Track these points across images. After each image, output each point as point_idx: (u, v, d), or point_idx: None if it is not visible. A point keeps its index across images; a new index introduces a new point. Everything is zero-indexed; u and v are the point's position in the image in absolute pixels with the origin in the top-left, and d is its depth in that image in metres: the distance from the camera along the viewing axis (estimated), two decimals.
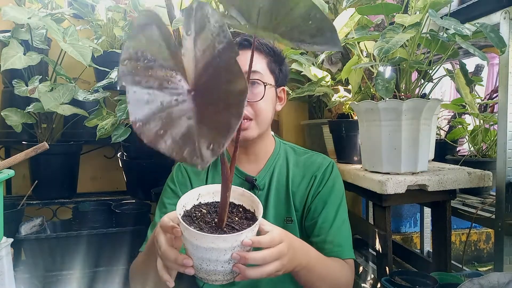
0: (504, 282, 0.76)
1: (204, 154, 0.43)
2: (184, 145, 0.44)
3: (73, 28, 1.57)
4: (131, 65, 0.47)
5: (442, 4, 1.16)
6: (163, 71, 0.49)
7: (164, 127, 0.44)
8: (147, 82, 0.47)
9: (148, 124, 0.45)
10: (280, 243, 0.69)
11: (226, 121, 0.44)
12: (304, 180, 1.04)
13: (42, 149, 1.01)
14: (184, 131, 0.45)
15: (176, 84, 0.49)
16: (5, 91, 1.86)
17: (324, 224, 0.98)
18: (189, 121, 0.46)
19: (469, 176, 1.27)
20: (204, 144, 0.44)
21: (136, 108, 0.45)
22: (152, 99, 0.46)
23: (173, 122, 0.45)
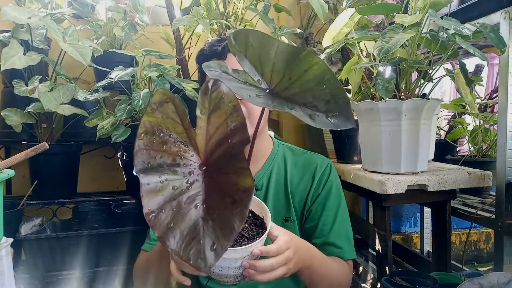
0: (503, 282, 0.76)
1: (207, 256, 0.46)
2: (190, 244, 0.47)
3: (73, 28, 1.57)
4: (147, 139, 0.51)
5: (442, 4, 1.16)
6: (177, 145, 0.52)
7: (173, 220, 0.47)
8: (161, 158, 0.50)
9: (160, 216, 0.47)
10: (286, 249, 0.73)
11: (230, 222, 0.47)
12: (302, 181, 1.04)
13: (42, 149, 1.01)
14: (191, 224, 0.47)
15: (188, 160, 0.52)
16: (5, 91, 1.86)
17: (324, 226, 0.99)
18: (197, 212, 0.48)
19: (469, 176, 1.27)
20: (208, 244, 0.46)
21: (149, 200, 0.48)
22: (165, 186, 0.49)
23: (183, 213, 0.48)
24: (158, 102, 0.53)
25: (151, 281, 0.92)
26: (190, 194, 0.49)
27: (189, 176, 0.50)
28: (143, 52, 1.65)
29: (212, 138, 0.53)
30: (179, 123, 0.53)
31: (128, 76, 1.60)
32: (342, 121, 0.52)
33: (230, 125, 0.52)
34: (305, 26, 2.14)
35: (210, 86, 0.54)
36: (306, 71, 0.54)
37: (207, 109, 0.54)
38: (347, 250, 0.98)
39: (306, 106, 0.54)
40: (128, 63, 1.81)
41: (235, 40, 0.56)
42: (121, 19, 1.86)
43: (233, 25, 1.74)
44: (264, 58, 0.55)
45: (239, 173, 0.49)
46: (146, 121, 0.51)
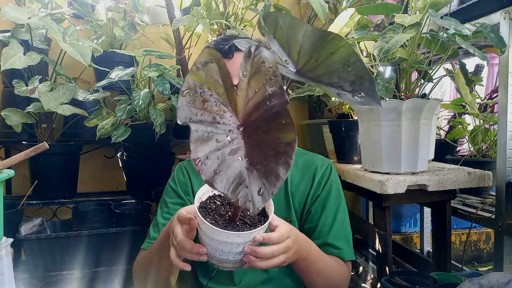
0: (503, 282, 0.76)
1: (255, 200, 0.49)
2: (238, 188, 0.50)
3: (73, 28, 1.57)
4: (189, 96, 0.53)
5: (442, 4, 1.16)
6: (217, 105, 0.54)
7: (219, 167, 0.50)
8: (202, 115, 0.52)
9: (206, 162, 0.50)
10: (287, 238, 0.75)
11: (275, 170, 0.50)
12: (303, 181, 1.04)
13: (42, 149, 1.01)
14: (236, 172, 0.50)
15: (227, 119, 0.54)
16: (5, 91, 1.86)
17: (323, 227, 0.99)
18: (241, 163, 0.51)
19: (469, 176, 1.27)
20: (255, 189, 0.49)
21: (196, 147, 0.50)
22: (210, 137, 0.51)
23: (227, 162, 0.50)
24: (203, 61, 0.54)
25: (151, 279, 0.92)
26: (233, 148, 0.52)
27: (229, 133, 0.53)
28: (143, 52, 1.65)
29: (250, 101, 0.55)
30: (221, 84, 0.55)
31: (128, 76, 1.60)
32: (368, 100, 0.54)
33: (269, 89, 0.54)
34: None
35: (253, 50, 0.55)
36: (332, 53, 0.56)
37: (248, 72, 0.55)
38: (346, 251, 0.98)
39: (332, 86, 0.56)
40: (128, 63, 1.81)
41: (264, 22, 0.58)
42: (121, 19, 1.86)
43: (233, 25, 1.74)
44: (292, 40, 0.57)
45: (281, 129, 0.51)
46: (189, 79, 0.53)
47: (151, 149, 1.76)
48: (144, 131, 1.71)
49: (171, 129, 1.83)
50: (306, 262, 0.85)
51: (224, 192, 0.49)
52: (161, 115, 1.63)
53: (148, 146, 1.74)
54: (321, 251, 0.92)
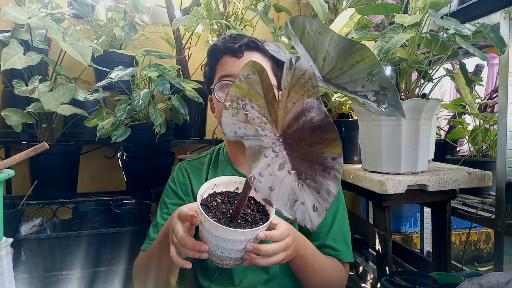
0: (503, 281, 0.76)
1: (311, 217, 0.50)
2: (294, 205, 0.50)
3: (73, 28, 1.57)
4: (232, 109, 0.54)
5: (442, 4, 1.16)
6: (259, 117, 0.55)
7: (273, 184, 0.50)
8: (245, 128, 0.53)
9: (261, 180, 0.50)
10: (287, 236, 0.76)
11: (325, 185, 0.51)
12: None
13: (42, 149, 1.01)
14: (289, 188, 0.51)
15: (268, 131, 0.55)
16: (5, 91, 1.86)
17: (322, 229, 0.99)
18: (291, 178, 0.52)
19: (469, 176, 1.27)
20: (310, 206, 0.51)
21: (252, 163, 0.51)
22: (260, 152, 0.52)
23: (279, 177, 0.51)
24: (246, 74, 0.55)
25: (151, 280, 0.92)
26: (280, 162, 0.52)
27: (273, 146, 0.53)
28: (143, 52, 1.65)
29: (289, 112, 0.56)
30: (262, 96, 0.56)
31: (128, 76, 1.60)
32: (393, 111, 0.56)
33: (306, 100, 0.55)
34: None
35: (294, 62, 0.56)
36: (357, 62, 0.57)
37: (289, 83, 0.56)
38: (344, 253, 0.99)
39: (356, 94, 0.57)
40: (128, 63, 1.81)
41: (291, 25, 0.59)
42: (121, 19, 1.86)
43: (233, 25, 1.74)
44: (318, 46, 0.58)
45: (327, 143, 0.53)
46: (232, 92, 0.54)
47: (151, 149, 1.76)
48: (144, 131, 1.71)
49: (171, 129, 1.83)
50: (302, 260, 0.86)
51: (282, 210, 0.49)
52: (161, 115, 1.63)
53: (148, 146, 1.74)
54: (318, 251, 0.93)
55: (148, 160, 1.78)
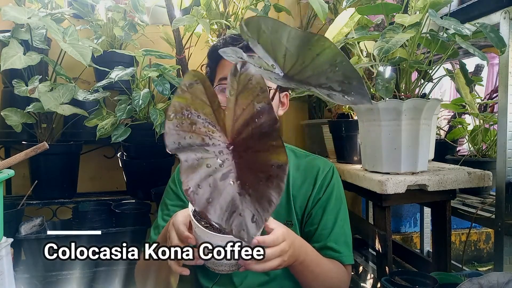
0: (503, 281, 0.76)
1: (249, 228, 0.48)
2: (231, 216, 0.49)
3: (73, 28, 1.57)
4: (177, 120, 0.52)
5: (442, 4, 1.16)
6: (205, 126, 0.53)
7: (212, 195, 0.49)
8: (191, 138, 0.52)
9: (198, 191, 0.49)
10: (282, 241, 0.74)
11: (267, 195, 0.49)
12: (304, 184, 1.03)
13: (42, 149, 1.01)
14: (229, 199, 0.49)
15: (216, 140, 0.53)
16: (5, 91, 1.86)
17: (323, 231, 0.98)
18: (233, 188, 0.50)
19: (469, 176, 1.27)
20: (248, 217, 0.49)
21: (187, 176, 0.49)
22: (201, 164, 0.50)
23: (219, 188, 0.50)
24: (188, 83, 0.54)
25: (152, 282, 0.91)
26: (224, 172, 0.51)
27: (219, 155, 0.52)
28: (143, 52, 1.65)
29: (239, 119, 0.54)
30: (208, 104, 0.54)
31: (128, 76, 1.60)
32: (359, 98, 0.54)
33: (256, 106, 0.53)
34: (305, 26, 2.14)
35: (239, 68, 0.55)
36: (318, 54, 0.55)
37: (235, 90, 0.55)
38: (345, 255, 0.98)
39: (321, 87, 0.56)
40: (128, 63, 1.81)
41: (247, 27, 0.57)
42: (121, 19, 1.86)
43: (233, 25, 1.74)
44: (276, 44, 0.56)
45: (272, 150, 0.51)
46: (175, 102, 0.53)
47: (151, 149, 1.76)
48: (144, 131, 1.71)
49: None
50: (302, 265, 0.85)
51: (219, 223, 0.48)
52: (161, 115, 1.63)
53: (148, 146, 1.74)
54: (319, 254, 0.92)
55: (148, 160, 1.78)
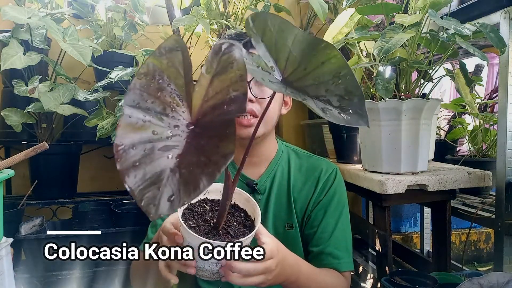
0: (503, 281, 0.76)
1: (161, 204, 0.43)
2: (149, 187, 0.44)
3: (73, 28, 1.57)
4: (146, 80, 0.48)
5: (442, 4, 1.16)
6: (172, 97, 0.50)
7: (141, 159, 0.45)
8: (152, 103, 0.48)
9: (129, 151, 0.45)
10: (269, 259, 0.70)
11: (197, 180, 0.44)
12: (305, 186, 1.01)
13: (42, 149, 1.01)
14: (157, 170, 0.45)
15: (178, 114, 0.49)
16: (5, 91, 1.86)
17: (323, 234, 0.96)
18: (168, 162, 0.46)
19: (469, 176, 1.27)
20: (167, 194, 0.44)
21: (125, 132, 0.45)
22: (146, 126, 0.47)
23: (152, 156, 0.46)
24: (168, 47, 0.50)
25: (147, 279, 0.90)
26: (168, 144, 0.47)
27: (173, 129, 0.49)
28: (143, 52, 1.65)
29: (209, 101, 0.50)
30: (182, 75, 0.51)
31: (128, 76, 1.60)
32: (355, 119, 0.50)
33: (231, 93, 0.49)
34: (305, 26, 2.14)
35: (223, 48, 0.51)
36: (323, 63, 0.52)
37: (213, 69, 0.51)
38: (345, 261, 0.95)
39: (318, 99, 0.52)
40: (128, 63, 1.81)
41: (253, 22, 0.54)
42: (121, 19, 1.86)
43: (233, 25, 1.74)
44: (280, 45, 0.53)
45: (224, 138, 0.47)
46: (150, 63, 0.49)
47: None
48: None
49: None
50: (295, 285, 0.82)
51: (132, 188, 0.44)
52: None
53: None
54: (315, 270, 0.88)
55: None
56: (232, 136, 0.46)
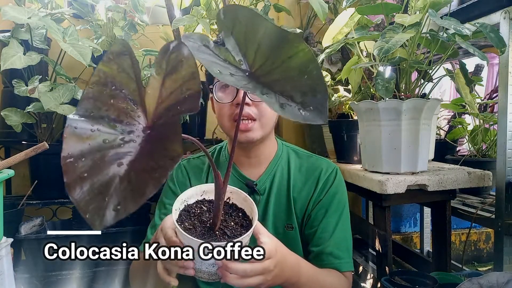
0: (503, 281, 0.76)
1: (106, 215, 0.42)
2: (95, 198, 0.43)
3: (73, 28, 1.57)
4: (97, 88, 0.47)
5: (442, 4, 1.16)
6: (125, 102, 0.48)
7: (90, 170, 0.44)
8: (106, 111, 0.47)
9: (77, 163, 0.44)
10: (267, 259, 0.69)
11: (143, 186, 0.42)
12: (305, 186, 1.00)
13: (42, 148, 1.01)
14: (106, 180, 0.44)
15: (133, 120, 0.48)
16: (5, 91, 1.86)
17: (323, 234, 0.95)
18: (118, 170, 0.44)
19: (469, 176, 1.27)
20: (112, 203, 0.43)
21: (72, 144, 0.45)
22: (95, 136, 0.45)
23: (102, 166, 0.44)
24: (116, 52, 0.49)
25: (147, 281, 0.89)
26: (119, 151, 0.46)
27: (126, 135, 0.47)
28: (143, 52, 1.65)
29: (163, 103, 0.49)
30: (133, 79, 0.50)
31: None
32: (314, 116, 0.48)
33: (185, 93, 0.48)
34: (305, 26, 2.14)
35: (171, 47, 0.50)
36: (290, 57, 0.50)
37: (163, 70, 0.50)
38: (346, 261, 0.94)
39: (282, 95, 0.50)
40: None
41: (224, 15, 0.52)
42: (121, 19, 1.86)
43: None
44: (249, 38, 0.51)
45: (172, 139, 0.45)
46: (101, 70, 0.48)
47: None
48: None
49: None
50: (296, 286, 0.81)
51: (77, 200, 0.43)
52: None
53: None
54: (316, 271, 0.87)
55: None
56: (178, 136, 0.45)
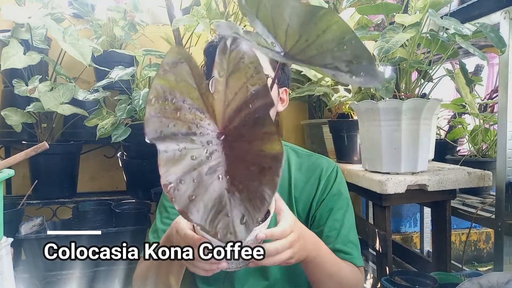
0: (503, 281, 0.76)
1: (237, 230, 0.42)
2: (217, 217, 0.42)
3: (73, 28, 1.57)
4: (158, 105, 0.45)
5: (442, 4, 1.17)
6: (192, 112, 0.46)
7: (195, 191, 0.43)
8: (175, 126, 0.45)
9: (179, 187, 0.43)
10: (290, 232, 0.71)
11: (260, 192, 0.42)
12: (307, 186, 1.00)
13: (42, 148, 1.01)
14: (215, 196, 0.43)
15: (205, 129, 0.46)
16: (5, 90, 1.85)
17: (331, 233, 0.95)
18: (221, 183, 0.43)
19: (469, 176, 1.27)
20: (237, 217, 0.42)
21: (167, 169, 0.43)
22: (184, 155, 0.44)
23: (205, 184, 0.43)
24: (171, 62, 0.47)
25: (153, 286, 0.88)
26: (211, 165, 0.45)
27: (207, 146, 0.46)
28: (143, 51, 1.65)
29: (231, 104, 0.47)
30: (195, 87, 0.47)
31: (128, 75, 1.60)
32: (368, 80, 0.47)
33: (251, 89, 0.46)
34: None
35: (229, 45, 0.48)
36: (324, 31, 0.48)
37: (225, 70, 0.48)
38: (356, 256, 0.94)
39: (326, 67, 0.48)
40: (128, 62, 1.81)
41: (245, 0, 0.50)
42: (121, 19, 1.86)
43: None
44: (277, 19, 0.50)
45: (265, 139, 0.44)
46: (157, 85, 0.46)
47: (151, 149, 1.74)
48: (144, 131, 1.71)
49: None
50: (315, 262, 0.81)
51: (201, 224, 0.42)
52: None
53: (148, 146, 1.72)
54: (333, 253, 0.87)
55: (148, 160, 1.77)
56: (274, 134, 0.43)
